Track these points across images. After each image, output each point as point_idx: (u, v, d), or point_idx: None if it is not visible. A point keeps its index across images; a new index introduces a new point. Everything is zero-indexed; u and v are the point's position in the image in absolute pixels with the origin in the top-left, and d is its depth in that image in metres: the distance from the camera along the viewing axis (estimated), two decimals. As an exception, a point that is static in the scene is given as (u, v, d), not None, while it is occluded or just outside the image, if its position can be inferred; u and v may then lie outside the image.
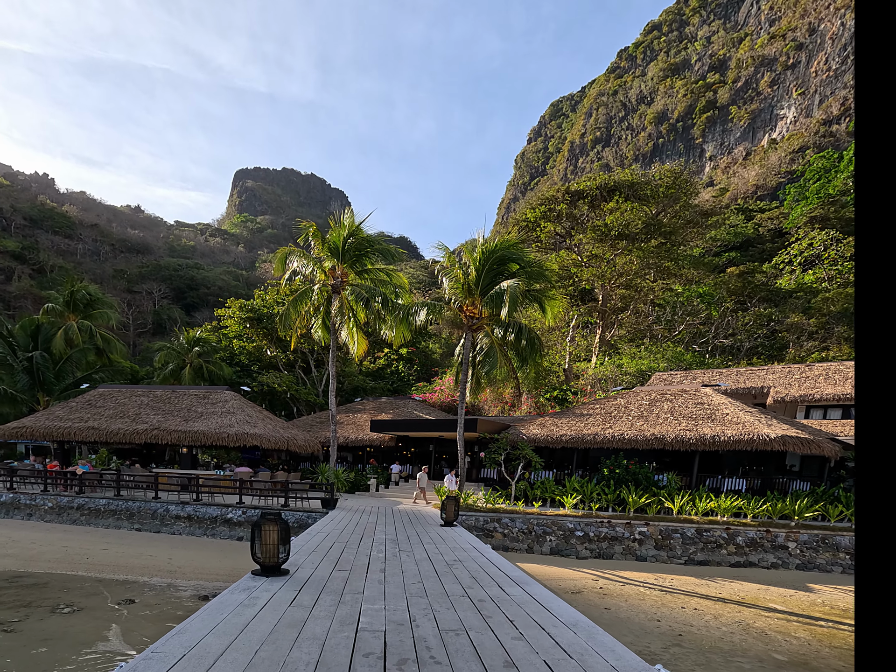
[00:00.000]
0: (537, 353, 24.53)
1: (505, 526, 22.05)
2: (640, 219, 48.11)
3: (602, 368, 45.26)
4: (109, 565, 18.17)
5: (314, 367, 45.52)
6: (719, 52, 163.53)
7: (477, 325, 24.74)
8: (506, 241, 24.68)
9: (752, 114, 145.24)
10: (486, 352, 25.08)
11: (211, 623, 5.88)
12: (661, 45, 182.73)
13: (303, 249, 28.34)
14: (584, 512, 22.42)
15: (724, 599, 16.71)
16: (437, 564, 10.29)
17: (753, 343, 48.57)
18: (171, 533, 22.75)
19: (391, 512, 21.55)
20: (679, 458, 26.08)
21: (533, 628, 6.12)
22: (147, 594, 15.23)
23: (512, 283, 21.75)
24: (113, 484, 24.58)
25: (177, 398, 29.63)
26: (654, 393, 28.88)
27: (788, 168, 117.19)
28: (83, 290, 39.53)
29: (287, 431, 29.12)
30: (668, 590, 17.49)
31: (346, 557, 10.72)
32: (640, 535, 21.49)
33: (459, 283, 24.35)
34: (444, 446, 33.47)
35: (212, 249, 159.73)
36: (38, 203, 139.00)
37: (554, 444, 26.47)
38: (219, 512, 22.72)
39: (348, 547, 12.17)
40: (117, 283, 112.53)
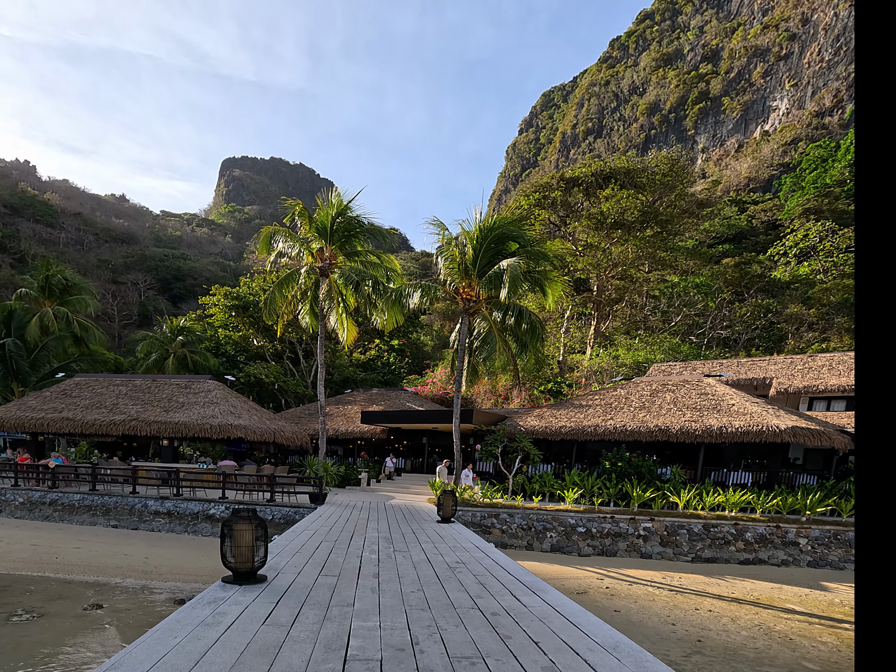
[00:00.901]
0: (538, 339, 23.34)
1: (503, 522, 20.97)
2: (636, 207, 47.13)
3: (598, 360, 44.30)
4: (80, 565, 16.91)
5: (303, 357, 44.15)
6: (712, 42, 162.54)
7: (474, 309, 23.49)
8: (505, 218, 23.45)
9: (744, 105, 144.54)
10: (484, 337, 23.74)
11: (158, 652, 4.58)
12: (654, 34, 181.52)
13: (289, 229, 27.00)
14: (586, 507, 21.36)
15: (739, 600, 15.73)
16: (437, 567, 9.14)
17: (751, 335, 47.77)
18: (149, 530, 21.49)
19: (384, 507, 20.40)
20: (682, 451, 25.10)
21: (564, 653, 4.98)
22: (118, 598, 14.01)
23: (512, 261, 20.54)
24: (88, 478, 23.26)
25: (157, 388, 28.27)
26: (655, 383, 27.90)
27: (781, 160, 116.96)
28: (59, 274, 37.77)
29: (274, 423, 27.87)
30: (677, 589, 16.49)
31: (335, 559, 9.55)
32: (644, 531, 20.48)
33: (455, 262, 23.08)
34: (437, 439, 32.34)
35: (199, 240, 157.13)
36: (18, 190, 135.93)
37: (553, 436, 25.40)
38: (200, 507, 21.48)
39: (337, 546, 11.00)
40: (101, 274, 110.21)
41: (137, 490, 22.82)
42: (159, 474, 23.13)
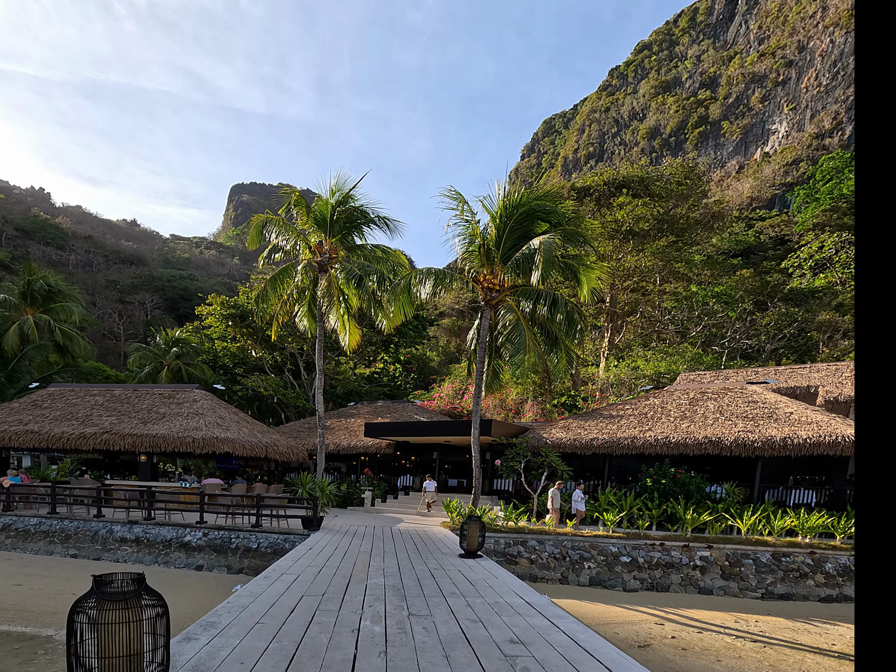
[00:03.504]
0: (577, 332, 19.50)
1: (532, 550, 17.10)
2: (651, 214, 43.84)
3: (616, 371, 40.52)
4: (11, 609, 13.10)
5: (304, 369, 40.31)
6: (709, 69, 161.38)
7: (497, 300, 19.73)
8: (534, 191, 19.82)
9: (743, 129, 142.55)
10: (510, 332, 19.70)
11: None
12: (652, 63, 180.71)
13: (283, 218, 23.48)
14: (630, 532, 17.48)
15: (845, 655, 11.84)
16: (484, 656, 5.31)
17: (776, 344, 43.97)
18: (113, 560, 17.60)
19: (391, 534, 16.58)
20: (730, 466, 21.22)
21: None
22: (40, 660, 10.23)
23: (546, 238, 16.86)
24: (48, 499, 19.46)
25: (138, 398, 24.54)
26: (692, 391, 24.15)
27: (783, 180, 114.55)
28: (41, 280, 34.18)
29: (267, 436, 24.10)
30: (761, 638, 12.59)
31: (315, 640, 5.72)
32: (701, 560, 16.58)
33: (476, 245, 19.36)
34: (448, 454, 28.39)
35: (206, 262, 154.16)
36: (31, 215, 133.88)
37: (583, 449, 21.57)
38: (174, 534, 17.63)
39: (324, 607, 7.19)
40: (109, 294, 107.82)
41: (103, 513, 19.01)
42: (130, 494, 19.29)
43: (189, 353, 39.95)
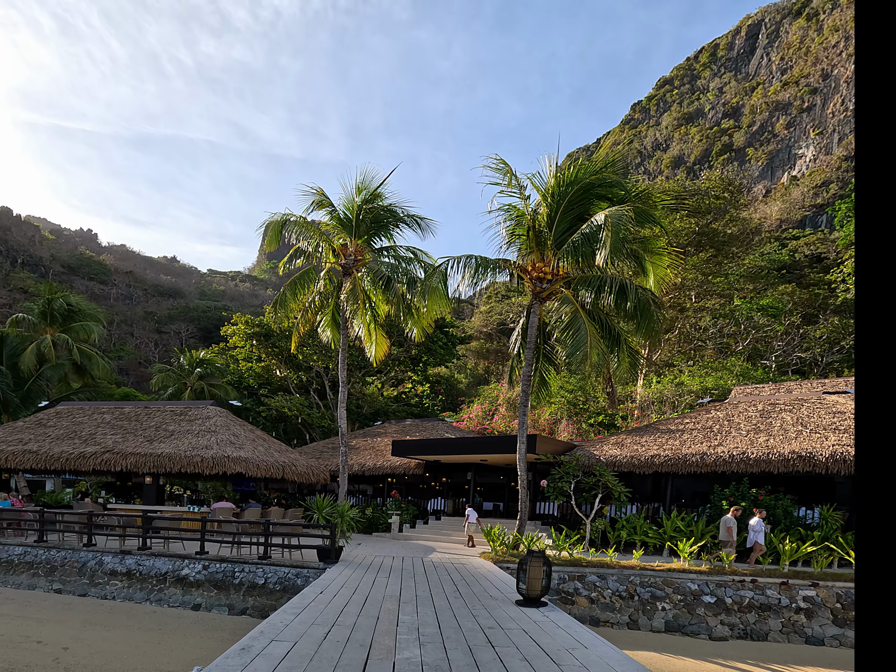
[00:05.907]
0: (654, 323, 16.18)
1: (591, 587, 13.72)
2: (688, 227, 40.73)
3: (659, 387, 36.92)
4: (-47, 662, 10.26)
5: (329, 389, 37.50)
6: (732, 100, 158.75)
7: (548, 291, 16.60)
8: (594, 161, 16.81)
9: (769, 154, 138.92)
10: (565, 328, 16.07)
11: None
12: (674, 97, 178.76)
13: (303, 218, 20.92)
14: (714, 566, 13.97)
15: None
16: None
17: (832, 357, 39.97)
18: (100, 596, 14.69)
19: (423, 569, 13.37)
20: (817, 486, 17.59)
21: None
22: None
23: (614, 210, 13.83)
24: (35, 525, 16.74)
25: (147, 415, 21.94)
26: (760, 402, 20.69)
27: (813, 202, 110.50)
28: (61, 298, 32.22)
29: (284, 456, 21.19)
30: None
31: None
32: (805, 602, 12.99)
33: (524, 227, 16.30)
34: (483, 475, 25.05)
35: (241, 293, 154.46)
36: (77, 253, 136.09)
37: (641, 468, 18.16)
38: (170, 566, 14.67)
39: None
40: (147, 324, 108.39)
41: (95, 541, 16.19)
42: (125, 521, 16.45)
43: (213, 374, 37.62)
